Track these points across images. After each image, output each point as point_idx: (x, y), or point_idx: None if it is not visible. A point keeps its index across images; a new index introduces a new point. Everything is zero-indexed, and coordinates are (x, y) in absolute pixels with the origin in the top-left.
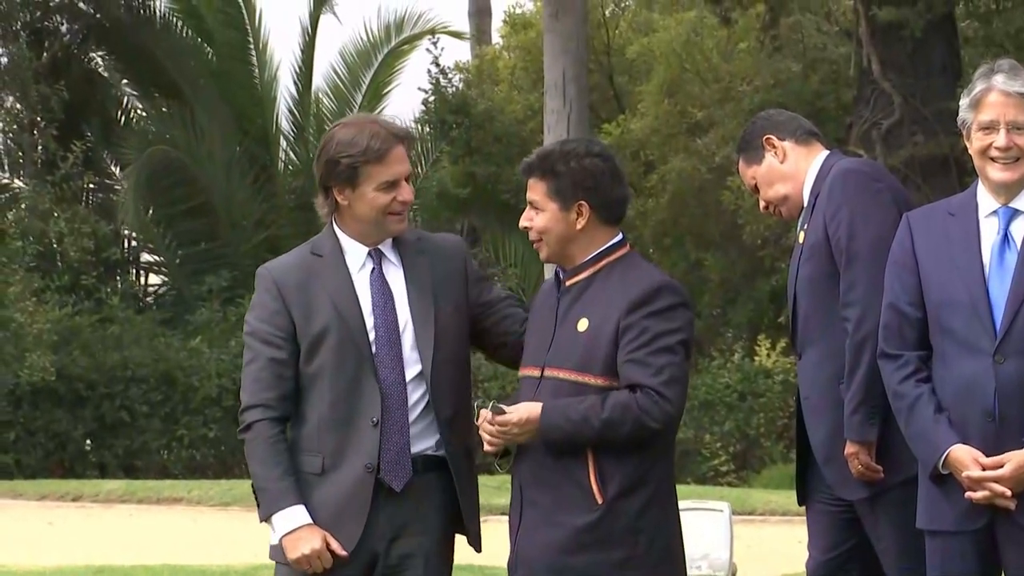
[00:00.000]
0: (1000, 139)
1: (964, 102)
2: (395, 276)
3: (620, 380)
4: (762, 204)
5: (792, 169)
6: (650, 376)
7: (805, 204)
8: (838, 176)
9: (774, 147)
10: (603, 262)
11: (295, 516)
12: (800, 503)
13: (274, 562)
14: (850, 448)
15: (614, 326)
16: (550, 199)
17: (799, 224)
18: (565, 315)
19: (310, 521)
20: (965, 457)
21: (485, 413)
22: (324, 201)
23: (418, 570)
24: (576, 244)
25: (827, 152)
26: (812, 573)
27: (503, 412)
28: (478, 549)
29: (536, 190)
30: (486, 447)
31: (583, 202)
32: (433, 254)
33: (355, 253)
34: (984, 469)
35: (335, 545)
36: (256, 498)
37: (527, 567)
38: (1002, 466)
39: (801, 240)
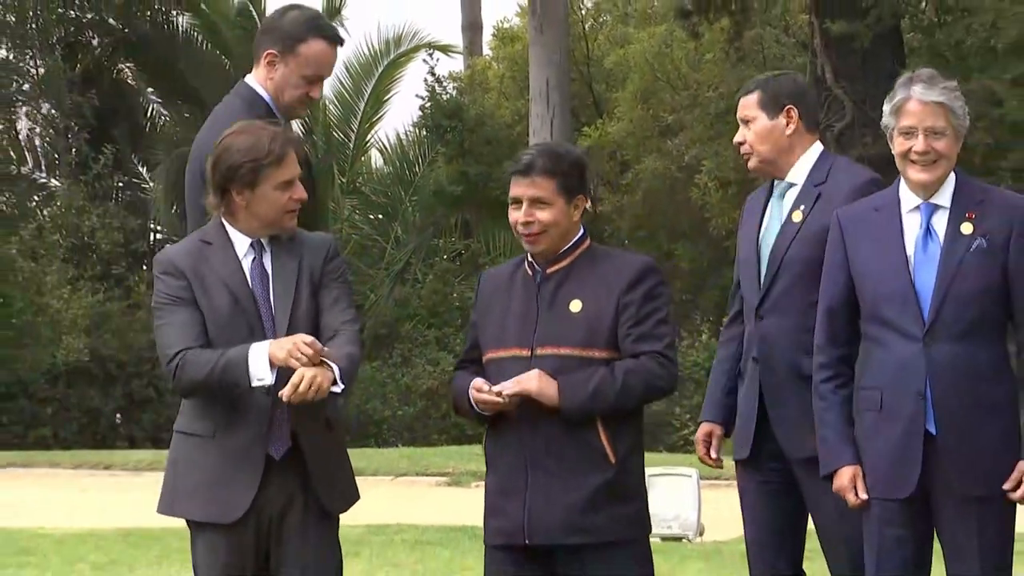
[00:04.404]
0: (919, 143)
1: (887, 108)
2: (268, 265)
3: (623, 352)
4: (739, 138)
5: (789, 145)
6: (656, 343)
7: (799, 186)
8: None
9: (791, 118)
10: (579, 250)
11: (259, 346)
12: (740, 457)
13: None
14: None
15: (615, 304)
16: (559, 195)
17: (792, 203)
18: (551, 299)
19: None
20: (845, 481)
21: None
22: (219, 202)
23: (302, 536)
24: (566, 236)
25: (822, 147)
26: (754, 542)
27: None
28: (333, 510)
29: (544, 187)
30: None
31: (581, 196)
32: (303, 250)
33: (240, 243)
34: (861, 494)
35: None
36: (228, 389)
37: (545, 530)
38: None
39: (797, 220)
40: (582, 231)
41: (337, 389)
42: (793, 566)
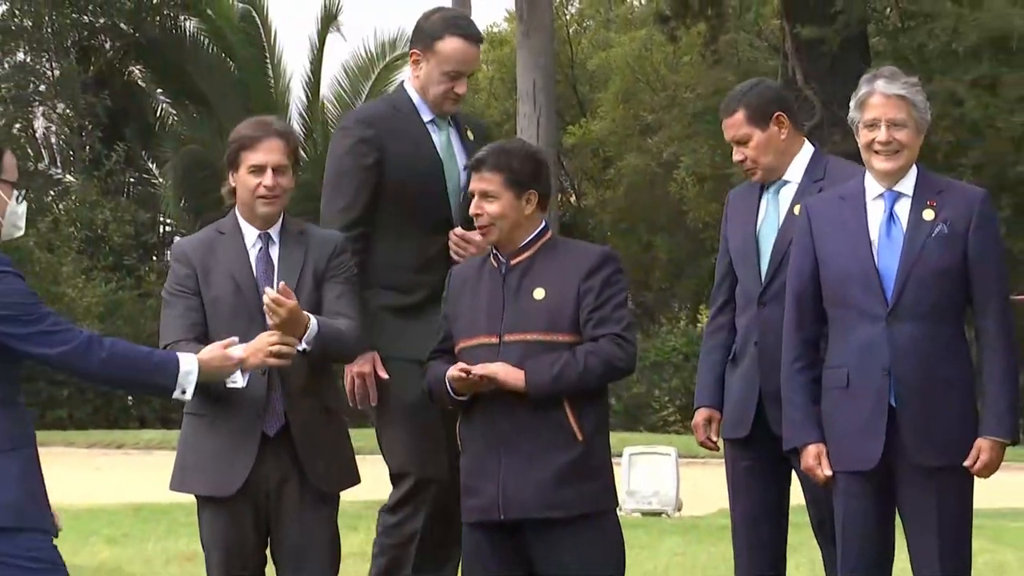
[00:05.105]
0: (881, 134)
1: (853, 103)
2: (275, 256)
3: (584, 335)
4: (739, 157)
5: (786, 148)
6: (614, 326)
7: (796, 183)
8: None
9: (782, 124)
10: (540, 242)
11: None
12: (736, 435)
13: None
14: None
15: (575, 290)
16: (506, 189)
17: (793, 199)
18: (516, 289)
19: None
20: (811, 460)
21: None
22: (226, 185)
23: (299, 512)
24: (521, 228)
25: (812, 146)
26: (742, 518)
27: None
28: (325, 489)
29: (492, 181)
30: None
31: (533, 191)
32: (309, 243)
33: (249, 234)
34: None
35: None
36: (208, 385)
37: (520, 507)
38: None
39: (798, 212)
40: (543, 224)
41: (299, 346)
42: (775, 567)
